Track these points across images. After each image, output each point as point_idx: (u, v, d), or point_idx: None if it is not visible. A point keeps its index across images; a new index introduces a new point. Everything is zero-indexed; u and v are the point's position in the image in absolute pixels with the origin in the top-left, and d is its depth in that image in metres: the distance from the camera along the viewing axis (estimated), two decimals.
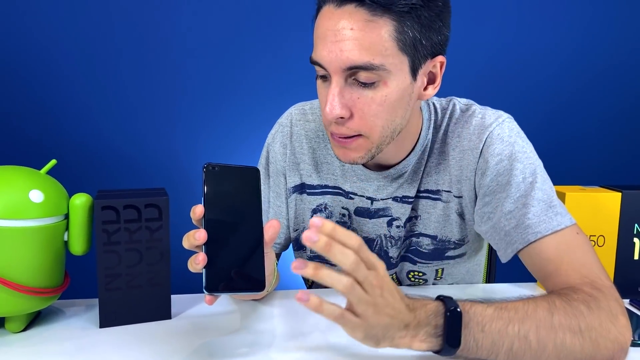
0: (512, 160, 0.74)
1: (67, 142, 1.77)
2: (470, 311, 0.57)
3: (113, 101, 1.81)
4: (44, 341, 0.67)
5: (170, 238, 0.73)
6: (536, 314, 0.59)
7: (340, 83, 0.66)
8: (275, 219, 0.61)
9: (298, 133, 0.89)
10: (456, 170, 0.79)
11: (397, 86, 0.67)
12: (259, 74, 1.88)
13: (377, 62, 0.64)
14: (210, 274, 0.55)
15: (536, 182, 0.72)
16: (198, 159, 1.87)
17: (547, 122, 1.98)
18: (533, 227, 0.70)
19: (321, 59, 0.66)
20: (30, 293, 0.66)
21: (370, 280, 0.51)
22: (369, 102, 0.67)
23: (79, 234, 0.70)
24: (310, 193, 0.88)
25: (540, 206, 0.71)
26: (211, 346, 0.66)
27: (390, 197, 0.83)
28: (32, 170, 0.70)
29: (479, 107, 0.81)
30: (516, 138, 0.76)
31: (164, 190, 0.76)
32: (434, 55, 0.69)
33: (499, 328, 0.57)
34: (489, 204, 0.75)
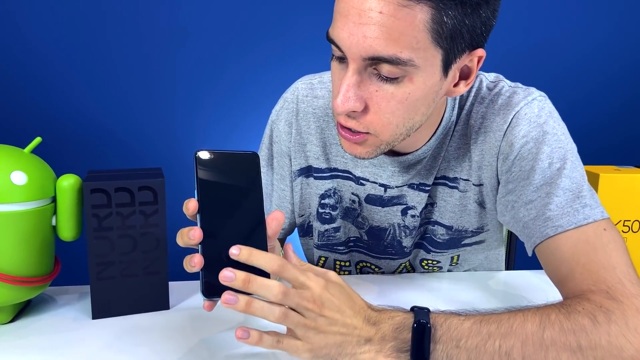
0: (539, 143, 0.65)
1: (54, 117, 1.66)
2: (444, 325, 0.52)
3: (105, 72, 1.71)
4: (33, 333, 0.63)
5: (168, 222, 0.67)
6: (523, 328, 0.52)
7: (358, 71, 0.57)
8: (279, 210, 0.54)
9: (305, 110, 0.80)
10: (477, 156, 0.71)
11: (424, 83, 0.57)
12: (264, 48, 1.79)
13: (405, 56, 0.54)
14: (208, 277, 0.49)
15: (564, 169, 0.63)
16: (198, 135, 1.80)
17: (580, 98, 1.87)
18: (554, 219, 0.61)
19: (340, 40, 0.56)
20: (16, 283, 0.61)
21: (304, 304, 0.49)
22: (389, 97, 0.58)
23: (67, 219, 0.65)
24: (317, 177, 0.81)
25: (566, 196, 0.62)
26: (211, 341, 0.61)
27: (405, 185, 0.76)
28: (15, 149, 0.64)
29: (507, 84, 0.71)
30: (547, 118, 0.66)
31: (160, 170, 0.70)
32: (474, 47, 0.58)
33: (477, 344, 0.51)
34: (512, 192, 0.67)
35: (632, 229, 0.75)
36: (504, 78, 0.73)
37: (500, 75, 0.74)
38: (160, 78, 1.77)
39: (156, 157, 1.72)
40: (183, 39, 1.75)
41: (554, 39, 1.87)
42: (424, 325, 0.51)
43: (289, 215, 0.85)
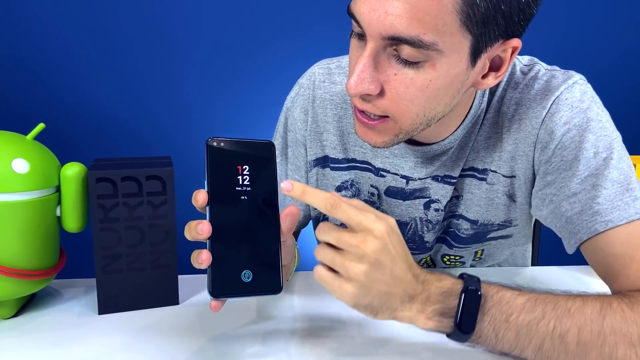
0: (583, 131, 0.60)
1: (59, 103, 1.61)
2: (496, 296, 0.49)
3: (113, 56, 1.65)
4: (36, 329, 0.60)
5: (178, 212, 0.63)
6: (582, 313, 0.49)
7: (376, 51, 0.52)
8: (294, 205, 0.50)
9: (322, 97, 0.75)
10: (510, 145, 0.66)
11: (448, 70, 0.52)
12: (279, 33, 1.74)
13: (429, 39, 0.49)
14: (216, 275, 0.46)
15: (611, 159, 0.58)
16: (209, 121, 1.75)
17: (619, 82, 1.78)
18: (603, 214, 0.57)
19: (360, 15, 0.51)
20: (19, 276, 0.58)
21: (355, 244, 0.46)
22: (408, 83, 0.53)
23: (72, 209, 0.61)
24: (334, 168, 0.76)
25: (615, 189, 0.57)
26: (222, 339, 0.58)
27: (429, 177, 0.71)
28: (17, 135, 0.61)
29: (544, 67, 0.66)
30: (590, 103, 0.61)
31: (169, 159, 0.67)
32: (509, 36, 0.53)
33: (528, 321, 0.48)
34: (551, 184, 0.62)
35: None
36: (539, 61, 0.68)
37: (535, 58, 0.68)
38: (170, 62, 1.73)
39: (165, 145, 1.68)
40: (194, 24, 1.71)
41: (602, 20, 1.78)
42: (474, 293, 0.48)
43: (304, 207, 0.81)
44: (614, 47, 1.84)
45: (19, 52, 1.62)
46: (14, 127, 0.63)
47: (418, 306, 0.49)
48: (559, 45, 1.80)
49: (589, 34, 1.83)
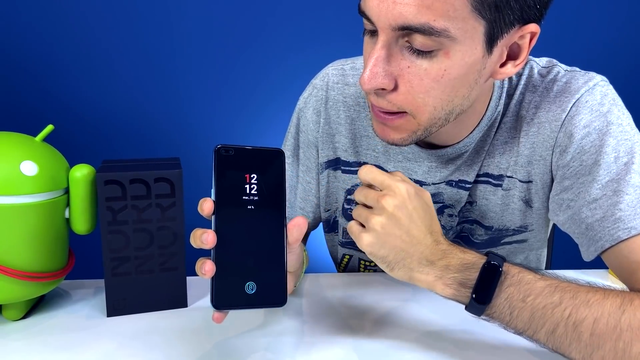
0: (603, 135, 0.58)
1: (68, 104, 1.61)
2: (517, 276, 0.50)
3: (120, 58, 1.64)
4: (45, 331, 0.60)
5: (187, 215, 0.63)
6: (601, 305, 0.48)
7: (388, 44, 0.51)
8: (302, 217, 0.49)
9: (335, 99, 0.74)
10: (527, 149, 0.64)
11: (463, 59, 0.51)
12: (287, 32, 1.73)
13: (439, 25, 0.48)
14: (220, 286, 0.45)
15: (633, 164, 0.57)
16: (218, 123, 1.74)
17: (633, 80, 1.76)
18: (626, 220, 0.55)
19: (369, 9, 0.51)
20: (27, 279, 0.58)
21: (375, 197, 0.52)
22: (422, 74, 0.52)
23: (81, 211, 0.61)
24: (345, 171, 0.75)
25: (637, 194, 0.56)
26: (230, 343, 0.57)
27: (443, 181, 0.69)
28: (26, 137, 0.60)
29: (563, 69, 0.64)
30: (610, 106, 0.60)
31: (178, 160, 0.66)
32: (525, 22, 0.51)
33: (544, 305, 0.48)
34: (569, 189, 0.61)
35: None
36: (559, 62, 0.66)
37: (554, 60, 0.67)
38: (178, 64, 1.72)
39: (175, 146, 1.68)
40: (203, 26, 1.70)
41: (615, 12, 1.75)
42: (495, 268, 0.49)
43: (314, 210, 0.80)
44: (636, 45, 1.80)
45: (28, 54, 1.62)
46: (24, 129, 0.63)
47: (437, 272, 0.50)
48: (581, 43, 1.76)
49: (611, 32, 1.79)
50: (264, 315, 0.63)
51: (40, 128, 0.61)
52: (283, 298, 0.48)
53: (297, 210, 0.80)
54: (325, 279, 0.74)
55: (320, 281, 0.74)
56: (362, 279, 0.75)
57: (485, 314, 0.50)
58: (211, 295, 0.45)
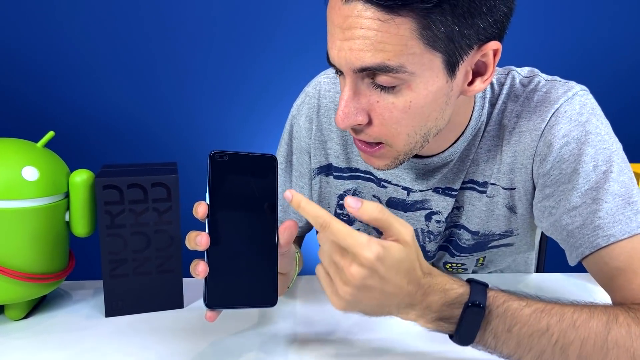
0: (582, 144, 0.59)
1: (70, 109, 1.64)
2: (501, 308, 0.49)
3: (121, 64, 1.67)
4: (46, 330, 0.62)
5: (185, 217, 0.65)
6: (587, 326, 0.48)
7: (355, 84, 0.54)
8: (292, 220, 0.51)
9: (326, 106, 0.76)
10: (509, 157, 0.66)
11: (426, 89, 0.53)
12: (284, 38, 1.74)
13: (394, 63, 0.50)
14: (212, 286, 0.47)
15: (611, 172, 0.58)
16: (215, 126, 1.76)
17: (619, 86, 1.75)
18: (605, 228, 0.56)
19: (332, 58, 0.55)
20: (29, 280, 0.60)
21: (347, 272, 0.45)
22: (390, 107, 0.54)
23: (81, 215, 0.63)
24: (337, 176, 0.77)
25: (616, 202, 0.57)
26: (225, 343, 0.59)
27: (430, 189, 0.71)
28: (27, 143, 0.62)
29: (543, 78, 0.66)
30: (589, 116, 0.61)
31: (175, 165, 0.68)
32: (485, 42, 0.53)
33: (531, 333, 0.48)
34: (550, 196, 0.62)
35: None
36: (540, 72, 0.67)
37: (535, 69, 0.68)
38: (178, 71, 1.73)
39: (173, 149, 1.69)
40: (202, 31, 1.72)
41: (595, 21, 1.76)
42: (477, 308, 0.48)
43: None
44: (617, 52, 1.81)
45: (30, 62, 1.65)
46: (26, 134, 0.65)
47: (418, 312, 0.49)
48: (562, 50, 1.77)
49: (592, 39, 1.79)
50: (258, 316, 0.65)
51: (42, 133, 0.63)
52: (273, 298, 0.50)
53: (291, 214, 0.82)
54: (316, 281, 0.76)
55: (313, 283, 0.76)
56: None
57: (472, 345, 0.50)
58: (204, 295, 0.47)
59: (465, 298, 0.48)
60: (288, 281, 0.60)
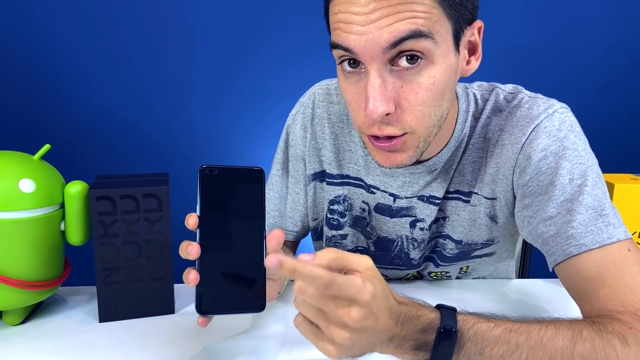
0: (559, 158, 0.63)
1: (66, 119, 1.67)
2: (472, 330, 0.50)
3: (115, 76, 1.70)
4: (42, 336, 0.65)
5: (178, 225, 0.67)
6: (554, 342, 0.50)
7: (380, 73, 0.55)
8: (279, 229, 0.54)
9: (320, 115, 0.80)
10: (492, 169, 0.69)
11: (444, 62, 0.56)
12: (276, 50, 1.77)
13: (426, 29, 0.53)
14: (203, 293, 0.49)
15: (586, 186, 0.61)
16: (208, 137, 1.78)
17: (597, 102, 1.78)
18: (577, 237, 0.59)
19: (350, 43, 0.54)
20: (26, 287, 0.63)
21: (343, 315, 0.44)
22: (416, 88, 0.56)
23: (76, 224, 0.66)
24: (329, 182, 0.80)
25: (589, 214, 0.60)
26: (215, 347, 0.62)
27: (415, 196, 0.74)
28: (24, 156, 0.65)
29: (527, 95, 0.69)
30: (567, 132, 0.64)
31: (166, 176, 0.71)
32: (472, 20, 0.59)
33: (502, 354, 0.50)
34: (529, 207, 0.65)
35: None
36: (523, 89, 0.71)
37: (519, 86, 0.71)
38: (170, 81, 1.75)
39: (166, 158, 1.72)
40: (193, 41, 1.74)
41: (562, 39, 1.77)
42: (450, 332, 0.49)
43: (302, 219, 0.85)
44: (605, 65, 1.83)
45: (27, 78, 1.68)
46: (24, 146, 0.67)
47: (395, 344, 0.49)
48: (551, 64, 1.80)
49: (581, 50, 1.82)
50: (250, 320, 0.68)
51: (39, 143, 0.66)
52: (261, 305, 0.52)
53: (287, 219, 0.85)
54: None
55: None
56: None
57: None
58: (196, 302, 0.50)
59: (437, 323, 0.49)
60: (279, 287, 0.63)
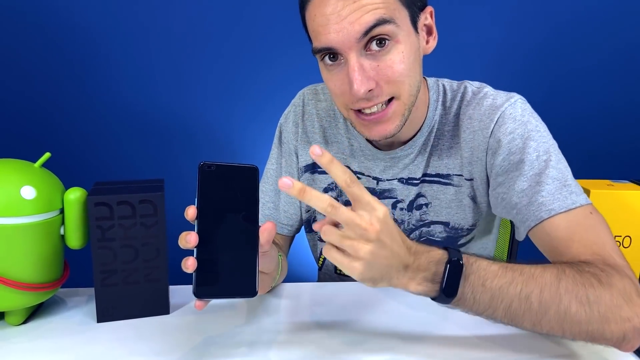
0: (525, 139, 0.72)
1: (66, 128, 1.71)
2: (474, 265, 0.57)
3: (114, 87, 1.74)
4: (42, 335, 0.68)
5: (173, 228, 0.70)
6: (542, 277, 0.58)
7: (357, 58, 0.66)
8: (271, 222, 0.58)
9: (310, 112, 0.90)
10: (467, 152, 0.78)
11: (408, 41, 0.68)
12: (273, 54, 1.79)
13: (388, 16, 0.65)
14: (200, 278, 0.53)
15: (550, 161, 0.70)
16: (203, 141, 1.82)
17: (576, 112, 1.80)
18: (547, 204, 0.68)
19: (331, 42, 0.66)
20: (27, 289, 0.66)
21: (361, 224, 0.51)
22: (390, 64, 0.67)
23: (75, 229, 0.69)
24: (321, 172, 0.89)
25: (555, 184, 0.69)
26: (208, 346, 0.65)
27: (395, 178, 0.83)
28: (26, 164, 0.68)
29: (491, 89, 0.80)
30: (529, 117, 0.74)
31: (161, 182, 0.74)
32: (424, 7, 0.71)
33: (500, 285, 0.57)
34: (502, 184, 0.74)
35: (622, 244, 0.76)
36: (488, 85, 0.80)
37: (484, 84, 0.81)
38: (166, 87, 1.78)
39: (161, 163, 1.75)
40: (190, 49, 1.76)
41: (543, 47, 1.79)
42: (457, 262, 0.56)
43: (297, 212, 0.92)
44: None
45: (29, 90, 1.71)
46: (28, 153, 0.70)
47: (410, 274, 0.56)
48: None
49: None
50: (245, 316, 0.72)
51: (41, 152, 0.69)
52: (254, 290, 0.56)
53: (281, 212, 0.92)
54: (302, 287, 0.83)
55: (300, 288, 0.82)
56: (335, 287, 0.83)
57: (451, 303, 0.57)
58: (193, 287, 0.54)
59: (446, 257, 0.56)
60: (271, 281, 0.68)
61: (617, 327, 0.58)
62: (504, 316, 0.58)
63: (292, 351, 0.64)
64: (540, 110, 0.76)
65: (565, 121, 1.55)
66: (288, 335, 0.68)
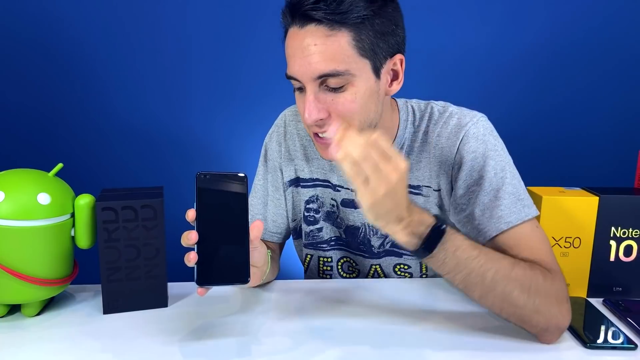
0: (485, 158, 0.80)
1: (76, 142, 1.82)
2: (453, 235, 0.67)
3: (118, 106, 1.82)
4: (54, 326, 0.76)
5: (172, 230, 0.80)
6: (501, 262, 0.69)
7: (314, 90, 0.73)
8: (259, 220, 0.70)
9: (291, 132, 0.98)
10: (435, 166, 0.86)
11: (364, 86, 0.74)
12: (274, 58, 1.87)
13: (342, 68, 0.71)
14: (201, 269, 0.64)
15: (506, 177, 0.79)
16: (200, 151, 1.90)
17: (533, 121, 1.83)
18: (505, 217, 0.76)
19: (294, 73, 0.74)
20: (41, 284, 0.75)
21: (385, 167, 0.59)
22: (342, 101, 0.74)
23: (84, 231, 0.78)
24: (303, 186, 0.97)
25: (511, 199, 0.77)
26: (203, 336, 0.73)
27: None
28: (41, 174, 0.77)
29: (455, 108, 0.87)
30: (489, 137, 0.82)
31: (161, 190, 0.83)
32: (393, 54, 0.76)
33: (467, 257, 0.67)
34: (463, 196, 0.81)
35: (573, 244, 0.84)
36: (451, 104, 0.89)
37: (448, 102, 0.89)
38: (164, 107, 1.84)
39: (161, 172, 1.80)
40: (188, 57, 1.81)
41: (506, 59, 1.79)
42: (439, 228, 0.65)
43: (285, 221, 1.00)
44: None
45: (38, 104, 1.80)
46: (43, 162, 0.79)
47: (402, 226, 0.64)
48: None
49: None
50: (237, 308, 0.80)
51: (54, 163, 0.78)
52: (246, 278, 0.67)
53: (270, 222, 0.99)
54: (290, 283, 0.92)
55: (289, 286, 0.91)
56: (318, 284, 0.92)
57: (424, 257, 0.66)
58: (195, 276, 0.64)
59: (434, 222, 0.66)
60: (261, 274, 0.78)
61: (545, 319, 0.68)
62: (461, 282, 0.68)
63: (281, 338, 0.72)
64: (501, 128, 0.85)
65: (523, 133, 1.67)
66: (277, 323, 0.76)
